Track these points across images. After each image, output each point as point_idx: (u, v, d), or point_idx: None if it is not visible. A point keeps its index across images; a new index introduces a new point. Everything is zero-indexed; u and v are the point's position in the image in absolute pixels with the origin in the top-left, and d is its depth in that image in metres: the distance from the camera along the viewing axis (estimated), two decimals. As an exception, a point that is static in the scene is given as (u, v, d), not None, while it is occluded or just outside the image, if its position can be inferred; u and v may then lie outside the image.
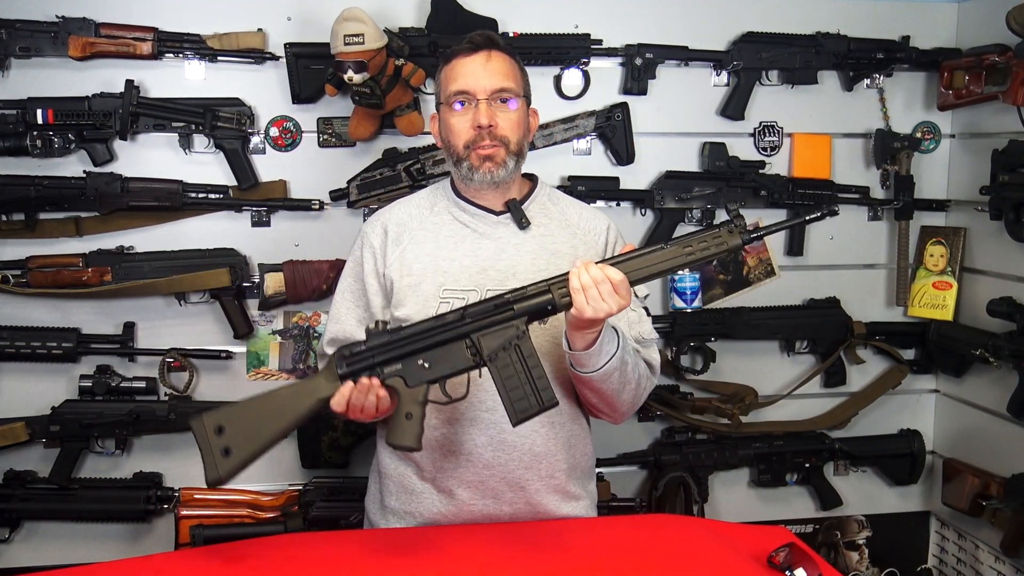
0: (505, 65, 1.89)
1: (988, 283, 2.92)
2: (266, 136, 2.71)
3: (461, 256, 1.90)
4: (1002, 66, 2.74)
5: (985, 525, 2.94)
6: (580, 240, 1.97)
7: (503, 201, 1.94)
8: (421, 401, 1.65)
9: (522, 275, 1.87)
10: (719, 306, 2.99)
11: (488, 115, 1.84)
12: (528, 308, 1.65)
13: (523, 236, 1.92)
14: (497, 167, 1.86)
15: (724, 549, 1.72)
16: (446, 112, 1.91)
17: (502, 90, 1.87)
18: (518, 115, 1.89)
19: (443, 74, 1.92)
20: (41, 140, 2.55)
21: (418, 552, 1.71)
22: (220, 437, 1.59)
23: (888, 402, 3.16)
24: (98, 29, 2.54)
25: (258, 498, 2.72)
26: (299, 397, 1.65)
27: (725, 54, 2.88)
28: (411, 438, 1.63)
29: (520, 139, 1.90)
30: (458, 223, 1.94)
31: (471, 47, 1.89)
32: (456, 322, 1.66)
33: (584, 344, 1.72)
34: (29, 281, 2.59)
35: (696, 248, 1.66)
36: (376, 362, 1.66)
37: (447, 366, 1.66)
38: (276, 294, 2.70)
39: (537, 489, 1.90)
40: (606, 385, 1.80)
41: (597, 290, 1.61)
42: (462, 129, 1.87)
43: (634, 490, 3.05)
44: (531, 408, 1.64)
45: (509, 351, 1.63)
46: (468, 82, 1.86)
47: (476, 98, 1.85)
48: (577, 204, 2.05)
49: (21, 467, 2.68)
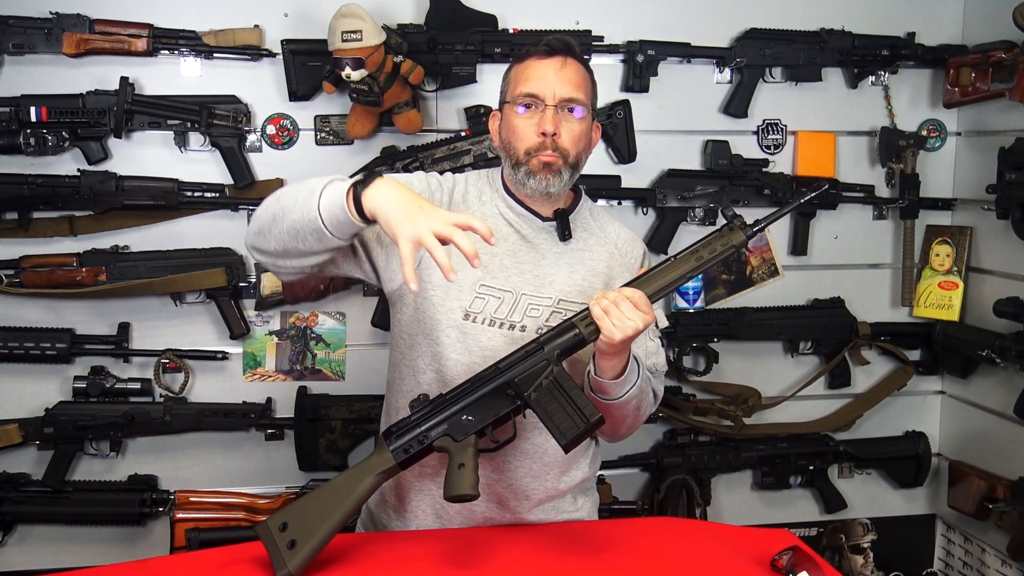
0: (579, 75, 1.84)
1: (995, 283, 2.91)
2: (263, 134, 2.70)
3: (502, 254, 1.86)
4: (1009, 63, 2.73)
5: (991, 528, 2.92)
6: (617, 261, 1.94)
7: (550, 208, 1.90)
8: (471, 450, 1.66)
9: (558, 286, 1.85)
10: (722, 306, 2.98)
11: (554, 123, 1.80)
12: (559, 345, 1.67)
13: (563, 247, 1.89)
14: (554, 176, 1.82)
15: (727, 552, 1.71)
16: (510, 112, 1.86)
17: (571, 100, 1.82)
18: (582, 128, 1.84)
19: (513, 72, 1.87)
20: (35, 138, 2.54)
21: (412, 554, 1.69)
22: (284, 533, 1.61)
23: (893, 404, 3.14)
24: (92, 25, 2.53)
25: (254, 501, 2.70)
26: (356, 478, 1.67)
27: (728, 51, 2.86)
28: (468, 486, 1.63)
29: (579, 152, 1.85)
30: (503, 219, 1.89)
31: (547, 50, 1.83)
32: (492, 375, 1.67)
33: (613, 373, 1.73)
34: (22, 281, 2.58)
35: (704, 253, 1.67)
36: (423, 429, 1.67)
37: (490, 414, 1.67)
38: (273, 294, 2.69)
39: (540, 500, 1.90)
40: (622, 412, 1.81)
41: (619, 310, 1.62)
42: (526, 133, 1.82)
43: (636, 493, 3.04)
44: (576, 427, 1.64)
45: (548, 387, 1.65)
46: (539, 86, 1.81)
47: (545, 104, 1.81)
48: (616, 223, 2.01)
49: (14, 470, 2.67)
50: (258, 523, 1.65)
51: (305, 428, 2.73)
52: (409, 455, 1.67)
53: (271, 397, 2.77)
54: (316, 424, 2.73)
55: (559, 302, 1.84)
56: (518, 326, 1.82)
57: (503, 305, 1.82)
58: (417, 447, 1.67)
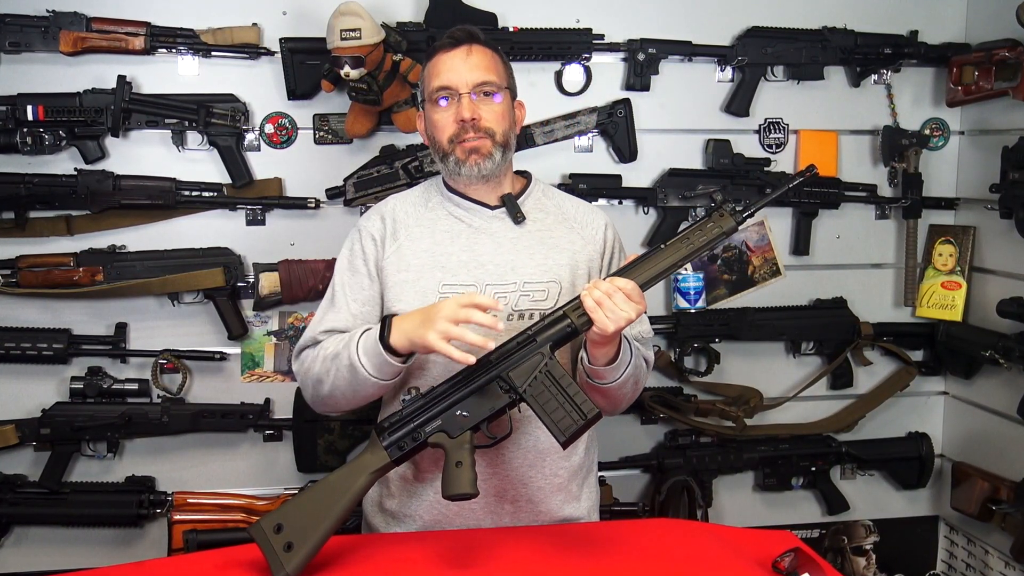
0: (486, 59, 1.89)
1: (998, 283, 2.89)
2: (261, 133, 2.68)
3: (458, 251, 1.90)
4: (1012, 61, 2.72)
5: (995, 530, 2.91)
6: (577, 234, 1.96)
7: (497, 196, 1.94)
8: (467, 447, 1.66)
9: (520, 270, 1.88)
10: (723, 306, 2.97)
11: (471, 108, 1.85)
12: (551, 336, 1.68)
13: (519, 231, 1.92)
14: (483, 159, 1.86)
15: (728, 554, 1.71)
16: (430, 109, 1.91)
17: (484, 83, 1.86)
18: (502, 107, 1.89)
19: (425, 71, 1.93)
20: (31, 137, 2.53)
21: (410, 555, 1.69)
22: (280, 535, 1.60)
23: (896, 404, 3.13)
24: (89, 24, 2.52)
25: (253, 502, 2.69)
26: (350, 477, 1.67)
27: (730, 49, 2.85)
28: (466, 484, 1.63)
29: (506, 131, 1.89)
30: (453, 218, 1.93)
31: (451, 42, 1.89)
32: (484, 368, 1.67)
33: (606, 359, 1.76)
34: (19, 281, 2.57)
35: (694, 239, 1.70)
36: (416, 424, 1.68)
37: (485, 409, 1.67)
38: (271, 294, 2.68)
39: (540, 487, 1.90)
40: (620, 391, 1.84)
41: (612, 302, 1.64)
42: (446, 124, 1.87)
43: (637, 494, 3.02)
44: (575, 424, 1.65)
45: (541, 379, 1.66)
46: (450, 77, 1.86)
47: (459, 92, 1.85)
48: (572, 199, 2.05)
49: (11, 471, 2.65)
50: (251, 524, 1.64)
51: (304, 429, 2.72)
52: (403, 452, 1.67)
53: (269, 398, 2.76)
54: (315, 425, 2.71)
55: (524, 284, 1.87)
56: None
57: None
58: (411, 444, 1.68)
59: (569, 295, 1.87)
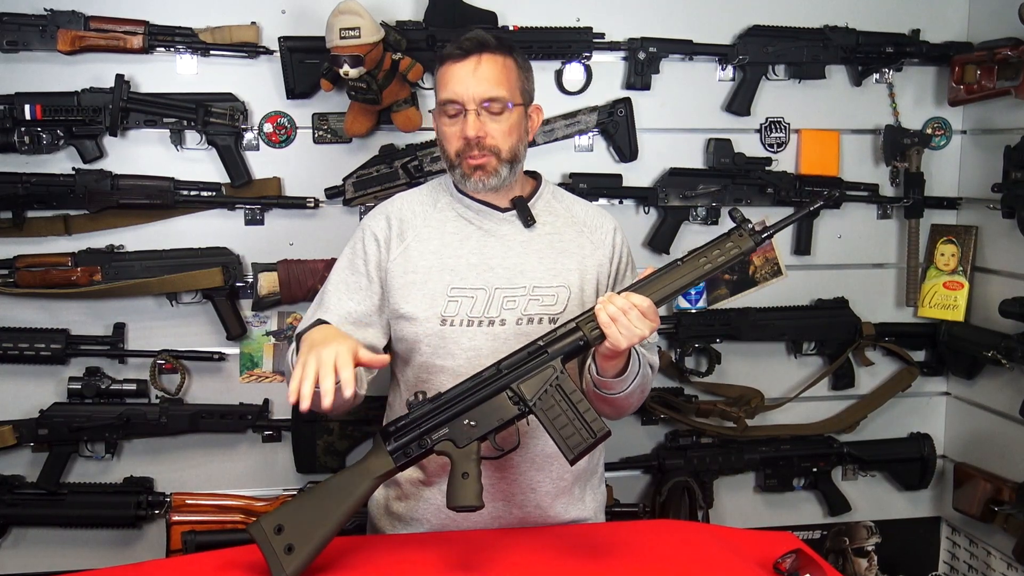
0: (496, 70, 1.84)
1: (1000, 283, 2.89)
2: (260, 132, 2.67)
3: (467, 254, 1.88)
4: (1015, 60, 2.71)
5: (997, 531, 2.90)
6: (587, 238, 1.95)
7: (507, 198, 1.92)
8: (474, 459, 1.64)
9: (530, 273, 1.87)
10: (724, 307, 2.96)
11: (476, 127, 1.81)
12: (562, 348, 1.66)
13: (529, 234, 1.91)
14: (488, 176, 1.84)
15: (729, 555, 1.70)
16: (439, 117, 1.88)
17: (492, 99, 1.82)
18: (510, 123, 1.85)
19: (436, 76, 1.90)
20: (29, 136, 2.52)
21: (417, 558, 1.69)
22: (280, 536, 1.58)
23: (898, 405, 3.12)
24: (87, 22, 2.51)
25: (252, 503, 2.68)
26: (354, 481, 1.65)
27: (730, 48, 2.84)
28: (472, 496, 1.62)
29: (513, 146, 1.86)
30: (462, 220, 1.92)
31: (461, 53, 1.84)
32: (494, 376, 1.65)
33: (615, 372, 1.76)
34: (17, 281, 2.56)
35: (711, 259, 1.67)
36: (423, 431, 1.65)
37: (494, 420, 1.65)
38: (270, 294, 2.67)
39: (547, 491, 1.90)
40: (627, 400, 1.84)
41: (627, 318, 1.63)
42: (452, 138, 1.85)
43: (637, 495, 3.02)
44: (584, 442, 1.64)
45: (551, 393, 1.64)
46: (457, 90, 1.83)
47: (465, 108, 1.82)
48: (582, 202, 2.03)
49: (8, 472, 2.65)
50: (251, 523, 1.63)
51: (303, 430, 2.71)
52: (409, 459, 1.66)
53: (268, 398, 2.75)
54: (314, 426, 2.71)
55: (534, 288, 1.86)
56: (497, 321, 1.84)
57: (477, 303, 1.84)
58: (417, 451, 1.66)
59: (578, 299, 1.87)
